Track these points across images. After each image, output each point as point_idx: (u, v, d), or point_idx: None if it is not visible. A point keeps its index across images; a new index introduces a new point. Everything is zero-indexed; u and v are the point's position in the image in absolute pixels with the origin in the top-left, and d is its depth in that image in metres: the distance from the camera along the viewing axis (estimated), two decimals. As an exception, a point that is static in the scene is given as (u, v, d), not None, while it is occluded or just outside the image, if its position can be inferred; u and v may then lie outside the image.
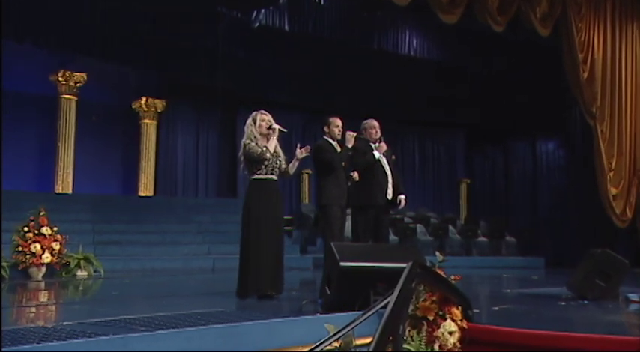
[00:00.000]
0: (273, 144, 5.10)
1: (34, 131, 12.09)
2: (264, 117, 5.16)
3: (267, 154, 5.04)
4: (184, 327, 3.23)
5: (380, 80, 13.49)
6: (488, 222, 14.13)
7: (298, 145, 5.25)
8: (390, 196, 5.94)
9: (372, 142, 5.97)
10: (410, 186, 13.52)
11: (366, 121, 6.10)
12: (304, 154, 5.25)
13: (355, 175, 5.76)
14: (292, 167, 5.26)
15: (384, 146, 5.97)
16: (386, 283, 3.71)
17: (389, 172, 5.95)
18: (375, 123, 6.03)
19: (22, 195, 10.10)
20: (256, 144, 5.05)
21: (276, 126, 5.12)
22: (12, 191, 9.60)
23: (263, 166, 5.05)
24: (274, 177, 5.13)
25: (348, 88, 13.68)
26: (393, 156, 6.16)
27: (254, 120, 5.15)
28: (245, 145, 5.08)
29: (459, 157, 16.74)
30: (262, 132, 5.12)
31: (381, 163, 5.93)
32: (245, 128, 5.19)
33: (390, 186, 5.93)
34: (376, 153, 5.92)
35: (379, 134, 5.98)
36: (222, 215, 11.88)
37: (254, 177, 5.10)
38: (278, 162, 5.14)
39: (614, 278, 5.41)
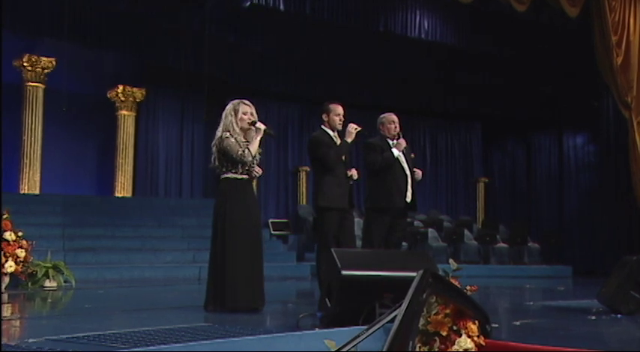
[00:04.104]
0: (256, 145, 5.04)
1: (-5, 124, 12.07)
2: (246, 110, 5.11)
3: (249, 158, 5.00)
4: (166, 344, 3.22)
5: (386, 66, 13.48)
6: (509, 226, 14.15)
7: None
8: (408, 199, 5.95)
9: (390, 139, 5.99)
10: (420, 186, 13.54)
11: (383, 115, 6.12)
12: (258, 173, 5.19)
13: (353, 172, 5.71)
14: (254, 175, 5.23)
15: (403, 142, 5.99)
16: (393, 294, 3.71)
17: (408, 172, 5.98)
18: (394, 117, 6.05)
19: (-17, 195, 10.08)
20: (235, 140, 5.00)
21: (262, 126, 5.07)
22: (-29, 191, 9.58)
23: (239, 166, 5.04)
24: (248, 177, 5.13)
25: (350, 76, 13.67)
26: (413, 155, 6.19)
27: (235, 111, 5.09)
28: (222, 139, 5.01)
29: (476, 153, 16.75)
30: (243, 126, 5.08)
31: (399, 162, 5.95)
32: (223, 117, 5.12)
33: (409, 187, 5.95)
34: (395, 151, 5.94)
35: (398, 129, 6.01)
36: (210, 218, 11.80)
37: (228, 175, 5.07)
38: (255, 162, 5.12)
39: (651, 290, 5.40)
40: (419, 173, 6.08)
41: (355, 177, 5.73)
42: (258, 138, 5.06)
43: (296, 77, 13.68)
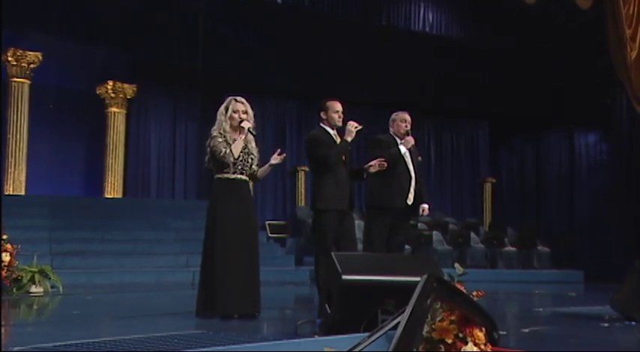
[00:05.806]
0: (239, 145, 5.06)
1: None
2: (237, 107, 5.14)
3: (231, 158, 5.02)
4: (157, 352, 3.22)
5: (389, 62, 13.49)
6: (517, 229, 14.14)
7: (278, 151, 5.23)
8: (410, 201, 5.97)
9: (399, 137, 6.07)
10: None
11: (397, 113, 6.20)
12: (278, 161, 5.21)
13: (379, 162, 5.66)
14: (263, 172, 5.27)
15: (410, 140, 6.06)
16: (396, 300, 3.71)
17: (413, 173, 6.02)
18: (407, 116, 6.14)
19: (-33, 196, 10.07)
20: (224, 139, 5.04)
21: (246, 125, 5.10)
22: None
23: (230, 166, 5.06)
24: (244, 177, 5.15)
25: (351, 71, 13.66)
26: (420, 158, 6.26)
27: (226, 109, 5.14)
28: (211, 139, 5.09)
29: (483, 152, 16.75)
30: (234, 124, 5.11)
31: (405, 161, 6.01)
32: (217, 115, 5.18)
33: (412, 188, 5.98)
34: (402, 148, 6.00)
35: (408, 129, 6.10)
36: (204, 220, 11.84)
37: (220, 176, 5.12)
38: (249, 160, 5.13)
39: (666, 295, 5.40)
40: (425, 211, 6.14)
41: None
42: (242, 138, 5.09)
43: (295, 73, 13.66)
